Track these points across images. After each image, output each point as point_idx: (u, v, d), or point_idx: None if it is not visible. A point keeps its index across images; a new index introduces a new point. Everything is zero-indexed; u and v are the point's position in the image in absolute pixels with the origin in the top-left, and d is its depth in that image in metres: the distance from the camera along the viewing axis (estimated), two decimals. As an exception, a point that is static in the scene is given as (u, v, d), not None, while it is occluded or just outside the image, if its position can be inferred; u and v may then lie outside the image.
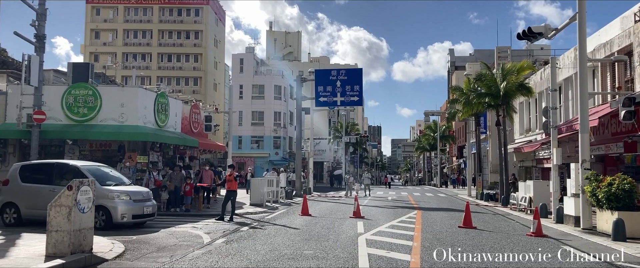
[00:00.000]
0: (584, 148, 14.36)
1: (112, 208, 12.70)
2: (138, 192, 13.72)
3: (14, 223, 13.18)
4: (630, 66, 19.12)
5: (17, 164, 14.70)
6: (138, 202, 13.40)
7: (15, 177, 13.79)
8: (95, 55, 63.97)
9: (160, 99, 21.92)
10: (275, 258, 9.19)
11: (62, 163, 14.37)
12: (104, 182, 13.29)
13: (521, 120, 32.85)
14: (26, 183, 13.48)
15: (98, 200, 11.56)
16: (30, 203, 13.10)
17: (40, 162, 15.12)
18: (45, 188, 12.98)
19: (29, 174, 13.79)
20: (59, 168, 13.87)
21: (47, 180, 13.40)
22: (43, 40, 18.12)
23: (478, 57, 61.51)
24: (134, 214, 13.11)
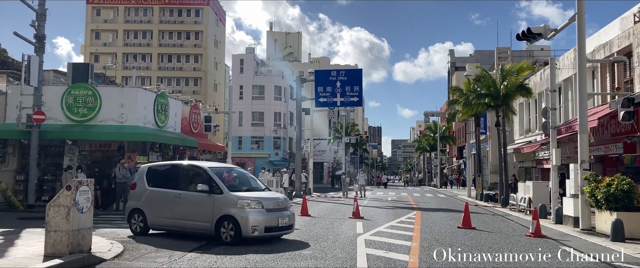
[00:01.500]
0: (583, 149, 14.36)
1: (242, 219, 10.52)
2: (272, 199, 11.41)
3: (140, 231, 11.92)
4: (629, 67, 19.12)
5: (145, 165, 13.16)
6: (272, 211, 10.99)
7: (142, 180, 12.34)
8: (95, 55, 63.99)
9: (160, 99, 21.93)
10: (274, 258, 9.20)
11: (190, 165, 12.64)
12: (234, 187, 11.51)
13: (521, 120, 32.85)
14: (153, 188, 12.07)
15: (224, 209, 10.68)
16: (156, 210, 11.78)
17: (166, 164, 13.57)
18: (171, 193, 11.62)
19: (156, 177, 12.29)
20: (185, 171, 12.28)
21: (173, 184, 11.87)
22: (43, 40, 18.15)
23: (478, 58, 61.57)
24: (266, 226, 10.75)
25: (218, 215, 10.71)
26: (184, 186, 11.70)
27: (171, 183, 11.91)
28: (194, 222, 11.06)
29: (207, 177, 11.25)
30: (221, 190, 10.95)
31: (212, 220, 10.76)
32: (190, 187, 11.54)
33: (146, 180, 12.25)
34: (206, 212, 10.90)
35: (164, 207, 11.62)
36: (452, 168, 67.78)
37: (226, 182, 11.39)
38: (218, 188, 10.98)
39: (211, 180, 11.14)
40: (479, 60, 53.26)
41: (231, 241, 10.52)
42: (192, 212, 11.15)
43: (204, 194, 11.02)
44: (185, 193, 11.45)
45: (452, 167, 68.13)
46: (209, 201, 10.92)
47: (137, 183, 12.47)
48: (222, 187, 10.99)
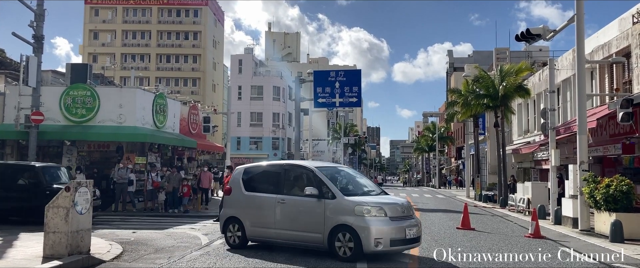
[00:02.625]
0: (582, 149, 14.37)
1: (362, 231, 8.67)
2: (395, 205, 9.44)
3: (237, 244, 10.30)
4: (628, 68, 19.14)
5: (240, 167, 11.46)
6: (396, 219, 9.04)
7: (237, 184, 10.70)
8: (93, 55, 63.93)
9: (158, 99, 21.91)
10: (271, 259, 9.18)
11: (293, 165, 11.10)
12: (347, 190, 9.78)
13: (520, 121, 32.88)
14: (250, 193, 10.42)
15: (339, 217, 8.97)
16: (255, 219, 10.11)
17: (264, 164, 11.79)
18: (272, 199, 9.94)
19: (253, 180, 10.73)
20: (287, 172, 10.59)
21: (274, 188, 10.19)
22: (41, 41, 18.11)
23: (477, 59, 61.59)
24: (392, 239, 8.78)
25: (331, 225, 9.00)
26: (287, 190, 10.02)
27: (272, 187, 10.24)
28: (302, 234, 9.42)
29: (316, 179, 9.58)
30: (334, 194, 9.23)
31: (324, 230, 9.08)
32: (294, 191, 9.98)
33: (242, 184, 10.61)
34: (316, 220, 9.22)
35: (265, 215, 9.94)
36: (450, 168, 67.81)
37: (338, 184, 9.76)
38: (330, 193, 9.27)
39: (320, 183, 9.45)
40: (477, 61, 53.30)
41: (350, 256, 8.77)
42: (299, 221, 9.53)
43: (313, 199, 9.31)
44: (289, 198, 9.78)
45: (450, 167, 68.16)
46: (319, 208, 9.22)
47: (232, 188, 10.82)
48: (334, 190, 9.29)
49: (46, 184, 13.91)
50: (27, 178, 14.49)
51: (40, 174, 14.21)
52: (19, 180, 14.57)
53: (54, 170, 15.22)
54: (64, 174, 15.46)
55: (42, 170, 14.43)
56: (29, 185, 14.22)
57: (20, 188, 14.29)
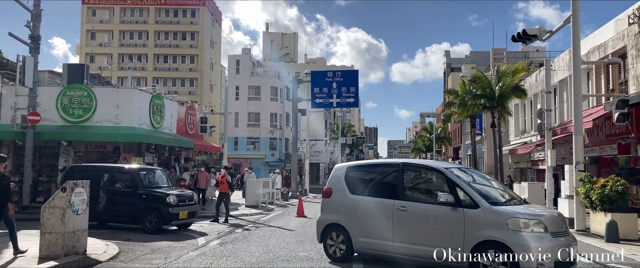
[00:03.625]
0: (578, 150, 14.42)
1: (521, 250, 7.01)
2: (554, 217, 7.85)
3: (341, 256, 8.87)
4: (624, 68, 19.22)
5: (342, 166, 9.80)
6: (557, 236, 7.43)
7: (340, 185, 9.16)
8: (91, 56, 63.83)
9: (155, 100, 21.89)
10: (269, 260, 9.20)
11: (418, 165, 9.57)
12: (489, 198, 7.91)
13: (516, 121, 32.96)
14: (357, 196, 8.88)
15: (487, 232, 7.35)
16: (366, 228, 8.54)
17: (377, 163, 10.36)
18: (387, 205, 8.33)
19: (362, 181, 9.16)
20: (409, 172, 8.88)
21: (390, 192, 8.59)
22: (38, 41, 18.09)
23: (474, 59, 61.69)
24: (557, 260, 7.11)
25: (475, 241, 7.38)
26: (409, 194, 8.47)
27: (386, 190, 8.73)
28: (430, 249, 7.71)
29: (448, 182, 8.01)
30: (476, 202, 7.60)
31: (465, 246, 7.45)
32: (417, 196, 8.54)
33: (346, 185, 9.10)
34: (452, 234, 7.67)
35: (379, 224, 8.40)
36: (448, 169, 67.82)
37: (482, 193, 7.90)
38: (470, 200, 7.67)
39: (454, 187, 7.88)
40: (474, 61, 53.38)
41: None
42: (427, 234, 7.97)
43: (447, 208, 7.75)
44: (412, 205, 8.16)
45: (448, 167, 68.17)
46: (456, 218, 7.64)
47: (332, 189, 9.26)
48: (477, 198, 7.65)
49: (142, 187, 13.44)
50: (123, 181, 14.00)
51: (136, 177, 13.63)
52: (116, 183, 14.08)
53: (150, 173, 14.74)
54: (162, 177, 15.01)
55: (138, 172, 13.88)
56: (125, 189, 13.69)
57: (116, 193, 13.70)
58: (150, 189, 13.56)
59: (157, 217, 12.92)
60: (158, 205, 12.99)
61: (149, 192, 13.31)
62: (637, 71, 17.79)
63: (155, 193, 13.34)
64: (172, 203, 13.04)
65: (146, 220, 12.97)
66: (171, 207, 13.00)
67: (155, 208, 12.96)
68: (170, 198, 13.07)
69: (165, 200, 13.02)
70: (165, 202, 12.99)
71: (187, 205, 13.72)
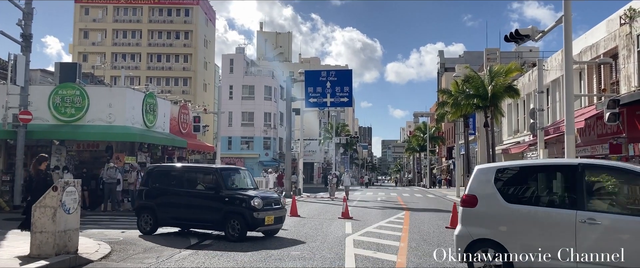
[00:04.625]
0: (570, 149, 14.48)
1: None
2: None
3: None
4: (615, 68, 19.35)
5: (486, 167, 7.94)
6: None
7: (489, 191, 7.30)
8: (84, 55, 63.49)
9: (148, 99, 21.82)
10: (262, 258, 9.20)
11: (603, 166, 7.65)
12: None
13: (509, 121, 33.11)
14: (517, 205, 7.07)
15: None
16: (536, 246, 6.63)
17: (536, 165, 8.36)
18: (566, 217, 6.53)
19: (519, 187, 7.43)
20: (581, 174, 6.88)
21: (566, 201, 6.95)
22: (29, 39, 18.00)
23: (467, 59, 61.91)
24: None
25: None
26: (596, 204, 6.75)
27: (562, 198, 7.09)
28: None
29: None
30: None
31: None
32: (612, 207, 6.83)
33: (498, 191, 7.24)
34: None
35: (555, 241, 6.55)
36: (441, 168, 68.10)
37: None
38: None
39: None
40: (468, 61, 53.55)
41: None
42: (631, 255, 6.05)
43: None
44: (604, 216, 6.45)
45: (441, 167, 68.44)
46: None
47: (477, 196, 7.38)
48: None
49: (225, 189, 12.03)
50: (205, 182, 12.73)
51: (218, 178, 12.24)
52: (198, 185, 12.88)
53: (235, 173, 13.43)
54: (248, 177, 13.54)
55: (221, 172, 12.48)
56: (207, 191, 12.33)
57: (197, 195, 12.46)
58: (233, 191, 12.17)
59: (241, 222, 11.45)
60: (241, 209, 11.56)
61: (231, 195, 11.90)
62: (628, 71, 17.91)
63: (238, 195, 11.93)
64: (257, 207, 11.53)
65: (229, 226, 11.55)
66: (256, 211, 11.49)
67: (238, 213, 11.54)
68: (254, 201, 11.58)
69: (249, 203, 11.56)
70: (250, 206, 11.53)
71: (274, 209, 12.18)
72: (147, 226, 12.55)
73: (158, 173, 13.49)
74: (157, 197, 12.67)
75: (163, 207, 12.49)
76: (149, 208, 12.66)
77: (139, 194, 13.46)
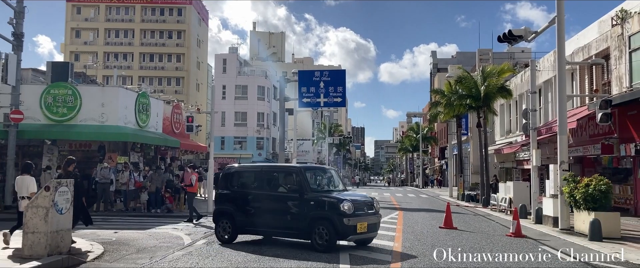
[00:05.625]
0: (563, 149, 14.57)
1: None
2: None
3: None
4: (607, 69, 19.48)
5: None
6: None
7: None
8: (75, 54, 63.09)
9: (141, 99, 21.72)
10: (256, 259, 9.17)
11: None
12: None
13: (502, 122, 33.25)
14: None
15: None
16: None
17: None
18: None
19: None
20: None
21: None
22: (21, 38, 17.86)
23: (460, 60, 62.09)
24: None
25: None
26: None
27: None
28: None
29: None
30: None
31: None
32: None
33: None
34: None
35: None
36: (434, 168, 68.28)
37: None
38: None
39: None
40: (461, 62, 53.72)
41: None
42: None
43: None
44: None
45: (434, 167, 68.63)
46: None
47: None
48: None
49: (310, 192, 10.59)
50: (287, 184, 11.27)
51: (302, 179, 10.81)
52: (279, 187, 11.47)
53: (320, 173, 12.34)
54: (335, 178, 12.17)
55: (304, 173, 11.06)
56: (290, 194, 10.91)
57: (279, 198, 11.07)
58: (319, 193, 10.80)
59: (329, 230, 9.86)
60: (329, 214, 10.04)
61: (317, 198, 10.46)
62: (619, 72, 18.04)
63: (325, 198, 10.45)
64: (347, 212, 9.92)
65: (315, 234, 10.03)
66: (346, 217, 9.88)
67: (325, 219, 10.03)
68: (344, 205, 9.98)
69: (338, 207, 9.97)
70: (339, 211, 9.92)
71: (367, 214, 10.54)
72: (225, 233, 11.29)
73: (236, 174, 12.20)
74: (236, 201, 11.44)
75: (242, 212, 11.18)
76: (227, 213, 11.38)
77: (217, 198, 12.31)
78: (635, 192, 17.63)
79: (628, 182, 18.29)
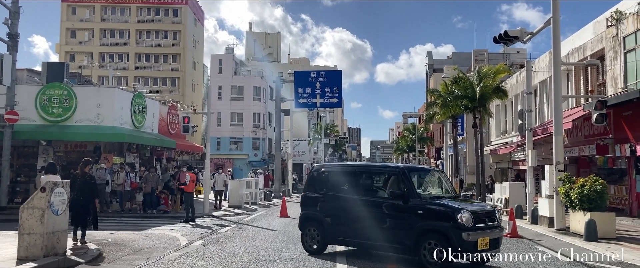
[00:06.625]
0: (558, 150, 14.63)
1: None
2: None
3: None
4: (602, 70, 19.57)
5: None
6: None
7: None
8: (71, 54, 62.83)
9: (137, 99, 21.65)
10: (252, 260, 9.16)
11: None
12: None
13: (497, 122, 33.34)
14: None
15: None
16: None
17: None
18: None
19: None
20: None
21: None
22: (16, 39, 17.78)
23: (456, 60, 62.26)
24: None
25: None
26: None
27: None
28: None
29: None
30: None
31: None
32: None
33: None
34: None
35: None
36: (430, 169, 68.21)
37: None
38: None
39: None
40: (456, 63, 53.88)
41: None
42: None
43: None
44: None
45: (430, 168, 68.56)
46: None
47: None
48: None
49: (417, 198, 8.94)
50: (388, 187, 9.55)
51: (406, 182, 9.17)
52: (377, 191, 9.94)
53: (425, 175, 10.54)
54: (443, 182, 10.31)
55: (407, 175, 9.35)
56: (390, 200, 9.18)
57: (378, 205, 9.30)
58: (429, 201, 9.08)
59: (442, 245, 8.23)
60: (443, 227, 8.41)
61: (426, 206, 8.81)
62: (614, 73, 18.13)
63: (437, 207, 8.78)
64: (466, 226, 8.26)
65: (424, 249, 8.42)
66: (465, 231, 8.21)
67: (438, 232, 8.44)
68: (462, 216, 8.32)
69: (454, 219, 8.32)
70: (456, 223, 8.28)
71: (489, 227, 8.71)
72: (313, 243, 9.97)
73: (326, 174, 10.81)
74: (325, 206, 10.00)
75: (333, 220, 9.77)
76: (315, 220, 10.06)
77: (304, 202, 10.73)
78: (630, 192, 17.71)
79: (623, 183, 18.37)
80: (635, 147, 16.34)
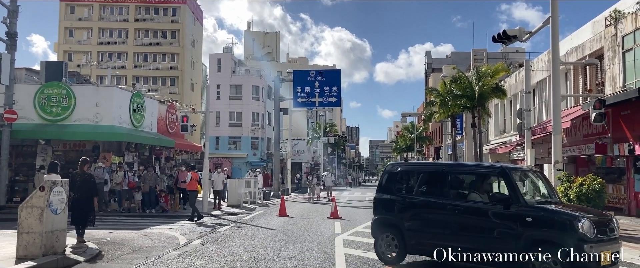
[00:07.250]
0: (557, 149, 14.63)
1: None
2: None
3: None
4: (601, 69, 19.59)
5: None
6: None
7: None
8: (69, 53, 62.75)
9: (135, 98, 21.63)
10: (252, 259, 9.16)
11: None
12: None
13: (496, 121, 33.37)
14: None
15: None
16: None
17: None
18: None
19: None
20: None
21: None
22: (14, 38, 17.75)
23: (455, 60, 62.31)
24: None
25: None
26: None
27: None
28: None
29: None
30: None
31: None
32: None
33: None
34: None
35: None
36: (428, 168, 68.24)
37: None
38: None
39: None
40: (455, 62, 53.90)
41: None
42: None
43: None
44: None
45: (428, 167, 68.59)
46: None
47: None
48: None
49: (523, 203, 7.57)
50: (483, 190, 8.25)
51: (509, 184, 7.83)
52: (470, 194, 8.44)
53: (526, 176, 8.82)
54: (545, 185, 8.76)
55: (510, 175, 7.96)
56: (487, 205, 7.90)
57: (473, 211, 8.05)
58: (538, 206, 7.69)
59: (557, 258, 6.89)
60: (560, 237, 7.06)
61: (536, 213, 7.42)
62: (613, 72, 18.15)
63: (549, 215, 7.46)
64: (588, 237, 6.91)
65: (534, 262, 7.15)
66: (588, 244, 6.84)
67: (552, 244, 7.05)
68: (583, 225, 6.98)
69: (573, 228, 7.01)
70: (576, 233, 6.96)
71: (610, 239, 7.32)
72: (389, 251, 8.72)
73: (405, 174, 9.49)
74: (405, 211, 8.69)
75: (416, 226, 8.51)
76: (393, 226, 8.75)
77: (377, 205, 9.30)
78: (628, 192, 17.74)
79: (621, 182, 18.39)
80: (634, 146, 16.37)
